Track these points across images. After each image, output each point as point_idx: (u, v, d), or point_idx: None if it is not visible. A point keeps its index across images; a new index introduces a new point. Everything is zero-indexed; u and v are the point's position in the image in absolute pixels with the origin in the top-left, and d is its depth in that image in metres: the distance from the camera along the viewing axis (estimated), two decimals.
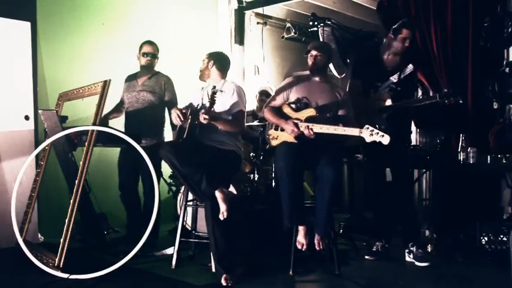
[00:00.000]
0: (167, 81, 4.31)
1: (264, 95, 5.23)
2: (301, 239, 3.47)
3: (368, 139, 3.30)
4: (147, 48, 4.28)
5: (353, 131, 3.38)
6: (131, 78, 4.34)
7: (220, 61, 3.75)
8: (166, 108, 4.31)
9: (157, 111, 4.30)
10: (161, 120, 4.34)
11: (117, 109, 4.37)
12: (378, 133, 3.26)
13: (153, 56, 4.29)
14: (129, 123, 4.26)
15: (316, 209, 3.48)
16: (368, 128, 3.29)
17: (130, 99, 4.26)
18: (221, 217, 3.30)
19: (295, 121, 3.51)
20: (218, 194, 3.31)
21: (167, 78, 4.33)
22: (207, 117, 3.35)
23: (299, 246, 3.47)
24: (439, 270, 3.66)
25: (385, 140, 3.25)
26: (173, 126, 3.90)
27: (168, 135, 4.37)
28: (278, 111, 3.70)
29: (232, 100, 3.56)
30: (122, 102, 4.37)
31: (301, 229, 3.47)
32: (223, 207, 3.30)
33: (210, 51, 3.81)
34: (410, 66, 3.89)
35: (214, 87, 3.51)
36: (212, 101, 3.42)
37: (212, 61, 3.71)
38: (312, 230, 3.54)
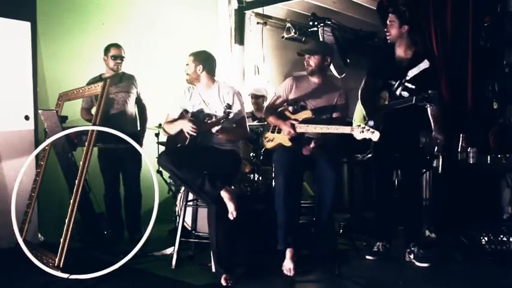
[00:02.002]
0: (135, 79, 4.40)
1: (254, 98, 5.26)
2: (288, 263, 3.35)
3: (358, 136, 3.33)
4: (116, 51, 4.28)
5: (344, 129, 3.41)
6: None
7: (209, 64, 3.61)
8: (139, 111, 4.45)
9: (132, 111, 4.40)
10: (136, 119, 4.45)
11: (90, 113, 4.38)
12: (368, 130, 3.29)
13: (122, 58, 4.31)
14: (110, 125, 4.20)
15: (317, 212, 3.47)
16: (359, 125, 3.33)
17: (107, 101, 4.23)
18: (231, 217, 3.26)
19: (293, 122, 3.53)
20: (224, 194, 3.27)
21: (134, 77, 4.41)
22: (217, 134, 3.34)
23: (286, 272, 3.33)
24: (439, 270, 3.66)
25: (375, 136, 3.28)
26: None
27: None
28: (278, 113, 3.71)
29: (234, 107, 3.52)
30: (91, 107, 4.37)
31: (288, 252, 3.36)
32: (231, 206, 3.26)
33: (193, 52, 3.66)
34: (425, 63, 3.70)
35: (228, 105, 3.41)
36: (224, 118, 3.35)
37: (201, 65, 3.57)
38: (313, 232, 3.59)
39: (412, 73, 3.69)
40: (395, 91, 3.70)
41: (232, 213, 3.26)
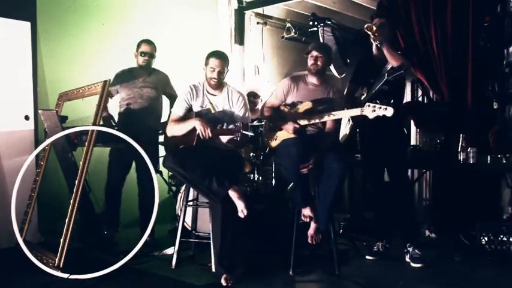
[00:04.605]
0: (166, 77, 4.41)
1: (251, 96, 5.24)
2: (307, 212, 3.50)
3: (371, 115, 3.36)
4: (145, 48, 4.28)
5: (355, 112, 3.47)
6: (128, 75, 4.32)
7: None
8: (170, 103, 4.41)
9: (159, 106, 4.41)
10: (161, 114, 4.45)
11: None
12: (380, 107, 3.31)
13: (151, 55, 4.31)
14: (133, 118, 4.21)
15: (319, 203, 3.49)
16: (369, 105, 3.36)
17: (131, 95, 4.26)
18: (241, 215, 3.27)
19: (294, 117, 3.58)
20: (232, 193, 3.28)
21: (165, 74, 4.42)
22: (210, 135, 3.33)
23: (304, 219, 3.54)
24: (439, 270, 3.66)
25: (389, 112, 3.30)
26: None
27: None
28: (276, 111, 3.72)
29: (241, 113, 3.54)
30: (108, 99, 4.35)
31: (308, 209, 3.51)
32: (241, 204, 3.27)
33: (221, 53, 3.61)
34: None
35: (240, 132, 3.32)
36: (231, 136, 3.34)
37: (228, 67, 3.58)
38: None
39: (387, 67, 3.73)
40: (375, 87, 3.72)
41: (242, 211, 3.27)
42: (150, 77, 4.32)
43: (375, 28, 3.65)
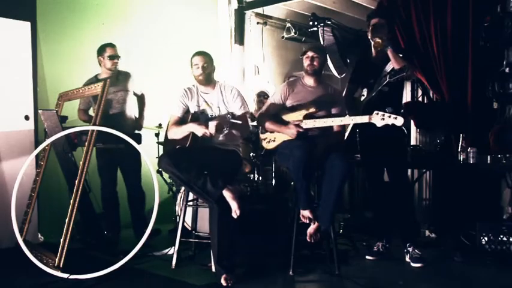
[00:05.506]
0: (131, 76, 4.38)
1: (262, 96, 5.23)
2: (307, 213, 3.48)
3: (379, 124, 3.31)
4: (111, 51, 4.26)
5: (362, 119, 3.40)
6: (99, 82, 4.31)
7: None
8: (138, 101, 4.49)
9: (132, 109, 4.41)
10: (133, 114, 4.46)
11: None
12: (389, 116, 3.26)
13: (118, 57, 4.30)
14: (114, 124, 4.07)
15: (322, 203, 3.48)
16: (378, 113, 3.31)
17: (108, 101, 4.22)
18: (234, 215, 3.27)
19: (296, 122, 3.54)
20: (227, 193, 3.28)
21: (130, 73, 4.39)
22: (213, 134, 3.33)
23: (304, 220, 3.52)
24: (438, 270, 3.66)
25: (399, 121, 3.25)
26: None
27: None
28: (276, 118, 3.70)
29: (237, 104, 3.53)
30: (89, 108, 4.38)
31: (308, 212, 3.47)
32: (234, 205, 3.27)
33: (205, 52, 3.63)
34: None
35: (232, 115, 3.39)
36: (228, 127, 3.36)
37: (214, 66, 3.61)
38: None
39: (388, 68, 3.71)
40: (376, 88, 3.72)
41: (235, 211, 3.26)
42: (119, 79, 4.31)
43: (382, 42, 3.65)
